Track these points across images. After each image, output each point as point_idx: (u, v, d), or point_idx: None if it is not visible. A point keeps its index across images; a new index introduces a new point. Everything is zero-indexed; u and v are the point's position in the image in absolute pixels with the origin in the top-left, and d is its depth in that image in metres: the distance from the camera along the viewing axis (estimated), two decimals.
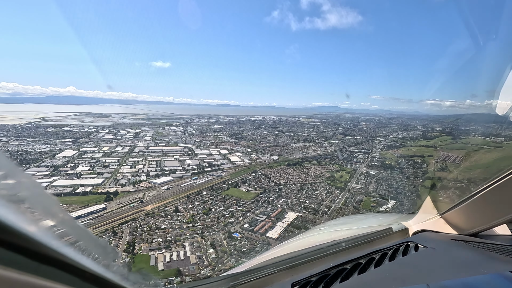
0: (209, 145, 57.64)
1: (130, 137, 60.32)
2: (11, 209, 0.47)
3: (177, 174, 38.92)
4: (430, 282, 1.24)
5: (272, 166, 43.99)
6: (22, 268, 0.47)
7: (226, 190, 33.98)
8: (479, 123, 31.76)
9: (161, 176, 37.57)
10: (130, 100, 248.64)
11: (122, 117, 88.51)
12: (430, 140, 65.27)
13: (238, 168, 42.92)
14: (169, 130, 70.92)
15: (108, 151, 47.98)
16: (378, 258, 1.63)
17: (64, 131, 62.73)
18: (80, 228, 0.73)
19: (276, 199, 31.92)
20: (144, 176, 37.51)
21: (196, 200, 30.94)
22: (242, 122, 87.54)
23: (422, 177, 41.69)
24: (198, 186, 35.07)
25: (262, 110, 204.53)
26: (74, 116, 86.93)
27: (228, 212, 28.36)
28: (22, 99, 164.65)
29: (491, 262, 1.50)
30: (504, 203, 1.71)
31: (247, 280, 1.51)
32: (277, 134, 70.02)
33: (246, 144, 59.59)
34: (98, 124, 73.71)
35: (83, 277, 0.62)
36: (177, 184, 35.34)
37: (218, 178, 38.03)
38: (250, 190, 34.09)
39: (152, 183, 35.33)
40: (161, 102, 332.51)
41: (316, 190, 35.10)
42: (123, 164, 41.96)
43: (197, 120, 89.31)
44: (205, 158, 46.60)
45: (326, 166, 45.94)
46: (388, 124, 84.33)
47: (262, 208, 29.53)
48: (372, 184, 37.84)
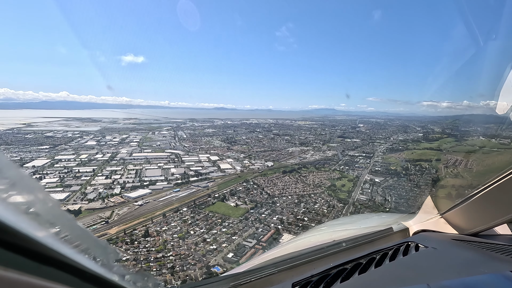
0: (199, 150, 51.72)
1: (115, 143, 54.24)
2: (11, 209, 0.47)
3: (157, 185, 32.94)
4: (430, 282, 1.19)
5: (266, 174, 38.14)
6: (22, 268, 0.46)
7: (211, 205, 28.07)
8: (478, 123, 35.31)
9: (138, 189, 31.59)
10: (125, 105, 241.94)
11: (112, 121, 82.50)
12: (433, 142, 60.70)
13: (228, 177, 37.01)
14: (159, 135, 64.93)
15: (85, 159, 41.91)
16: (379, 258, 1.58)
17: (45, 137, 56.67)
18: (80, 228, 0.70)
19: (269, 216, 26.05)
20: (118, 188, 31.55)
21: (174, 219, 25.00)
22: (237, 125, 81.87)
23: (434, 185, 36.13)
24: (179, 200, 29.14)
25: (258, 113, 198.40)
26: (62, 121, 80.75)
27: (210, 236, 22.43)
28: (14, 104, 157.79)
29: (492, 262, 1.46)
30: (504, 203, 1.68)
31: (247, 280, 1.47)
32: (272, 138, 64.22)
33: (239, 149, 53.73)
34: (85, 129, 67.68)
35: (83, 277, 0.61)
36: (155, 198, 29.39)
37: (204, 190, 32.11)
38: (239, 205, 28.19)
39: (125, 197, 29.36)
40: (156, 106, 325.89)
41: (315, 203, 29.28)
42: (98, 174, 35.93)
43: (191, 124, 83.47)
44: (192, 166, 40.64)
45: (325, 173, 40.15)
46: (386, 126, 79.95)
47: (251, 229, 23.62)
48: (379, 194, 32.10)
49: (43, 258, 0.50)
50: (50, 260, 0.52)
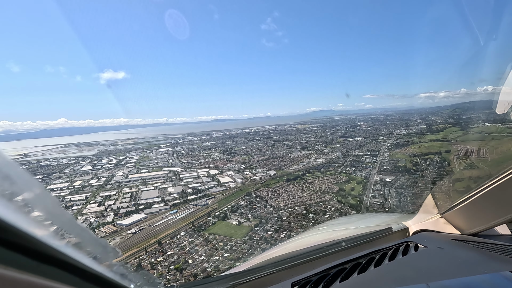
0: (198, 165, 48.96)
1: (111, 165, 51.61)
2: (11, 208, 0.46)
3: (152, 208, 30.06)
4: (430, 282, 1.17)
5: (269, 184, 35.19)
6: (22, 267, 0.45)
7: (212, 226, 25.09)
8: (478, 110, 31.97)
9: (132, 214, 28.71)
10: (123, 126, 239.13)
11: (110, 144, 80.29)
12: (438, 133, 58.01)
13: (228, 191, 34.09)
14: (156, 153, 62.35)
15: (79, 186, 39.24)
16: (378, 258, 1.56)
17: (40, 166, 54.13)
18: (80, 227, 0.70)
19: (276, 233, 23.02)
20: (111, 216, 28.71)
21: (170, 247, 22.03)
22: (236, 135, 79.42)
23: (449, 178, 33.08)
24: (176, 223, 26.20)
25: (257, 121, 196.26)
26: (59, 148, 78.46)
27: (211, 264, 19.42)
28: (13, 136, 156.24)
29: (491, 262, 1.43)
30: (504, 203, 1.64)
31: (247, 279, 1.45)
32: (273, 145, 61.45)
33: (240, 159, 50.94)
34: (81, 154, 65.30)
35: (84, 276, 0.60)
36: (150, 223, 26.46)
37: (203, 209, 29.18)
38: (241, 223, 25.20)
39: (118, 225, 26.46)
40: (155, 124, 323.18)
41: (325, 212, 26.25)
42: (91, 201, 33.16)
43: (189, 138, 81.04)
44: (191, 183, 37.81)
45: (331, 177, 37.16)
46: (386, 121, 77.40)
47: (257, 252, 20.64)
48: (393, 196, 29.05)
49: (43, 257, 0.50)
50: (50, 259, 0.51)
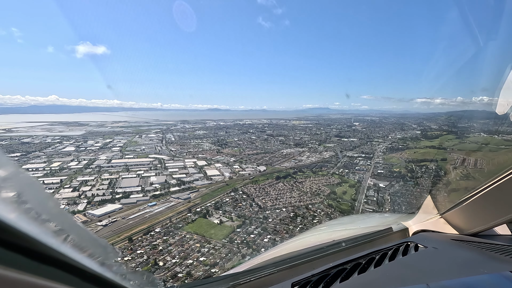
0: (186, 154, 46.32)
1: (96, 148, 48.54)
2: (11, 208, 0.45)
3: (130, 198, 27.51)
4: (430, 282, 1.16)
5: (258, 181, 32.93)
6: (22, 268, 0.45)
7: (191, 223, 22.77)
8: (474, 119, 31.24)
9: (107, 204, 26.15)
10: (116, 108, 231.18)
11: (100, 125, 76.49)
12: (433, 140, 56.40)
13: (214, 185, 31.71)
14: (145, 138, 59.29)
15: (56, 168, 36.32)
16: (378, 258, 1.54)
17: (21, 143, 50.67)
18: (80, 228, 0.70)
19: (259, 237, 20.84)
20: (84, 203, 26.10)
21: (142, 245, 19.68)
22: (230, 126, 76.50)
23: (445, 188, 31.36)
24: (153, 217, 23.79)
25: (252, 113, 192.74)
26: (46, 125, 74.43)
27: (183, 268, 17.14)
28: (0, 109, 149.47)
29: (491, 262, 1.43)
30: (504, 203, 1.63)
31: (247, 280, 1.44)
32: (266, 139, 59.04)
33: (230, 152, 48.46)
34: (67, 134, 61.62)
35: (83, 276, 0.60)
36: (125, 216, 23.99)
37: (184, 203, 26.80)
38: (223, 222, 22.92)
39: (89, 215, 23.90)
40: (149, 108, 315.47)
41: (314, 216, 24.17)
42: (65, 185, 30.38)
43: (182, 126, 77.83)
44: (176, 173, 35.26)
45: (323, 178, 35.10)
46: (382, 123, 75.89)
47: (236, 256, 18.43)
48: (387, 203, 27.16)
49: (43, 257, 0.49)
50: (50, 260, 0.51)
